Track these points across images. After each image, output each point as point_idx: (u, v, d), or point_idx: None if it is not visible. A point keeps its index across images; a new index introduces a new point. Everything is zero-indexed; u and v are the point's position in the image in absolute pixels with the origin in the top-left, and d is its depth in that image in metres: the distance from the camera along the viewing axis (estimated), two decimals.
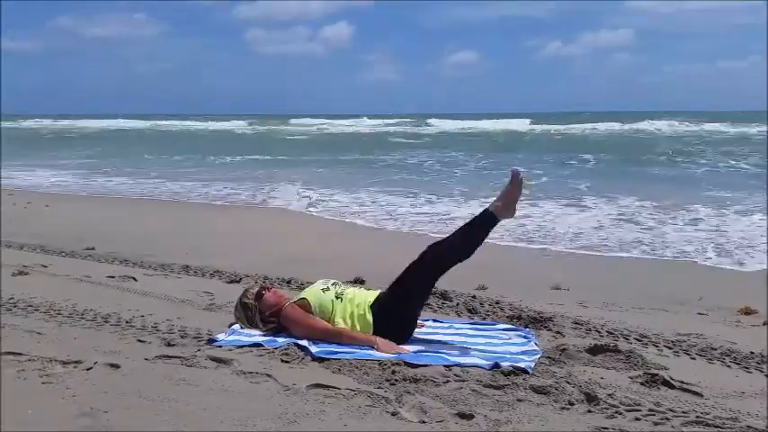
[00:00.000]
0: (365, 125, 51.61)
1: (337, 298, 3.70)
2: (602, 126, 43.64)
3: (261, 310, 3.76)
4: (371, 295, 3.75)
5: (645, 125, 43.95)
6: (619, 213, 10.07)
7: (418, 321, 3.96)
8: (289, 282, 5.28)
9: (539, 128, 44.97)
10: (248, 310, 3.78)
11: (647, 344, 3.78)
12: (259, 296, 3.81)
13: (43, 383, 2.79)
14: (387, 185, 13.99)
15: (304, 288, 4.09)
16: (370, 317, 3.63)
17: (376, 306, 3.66)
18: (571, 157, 21.43)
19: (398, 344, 3.52)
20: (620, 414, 2.67)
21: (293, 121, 59.52)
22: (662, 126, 43.07)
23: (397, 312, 3.64)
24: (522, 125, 47.99)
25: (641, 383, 3.04)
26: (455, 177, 16.01)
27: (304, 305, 3.66)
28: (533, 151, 25.50)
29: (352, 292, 3.78)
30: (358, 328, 3.61)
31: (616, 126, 43.49)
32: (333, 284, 3.79)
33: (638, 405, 2.74)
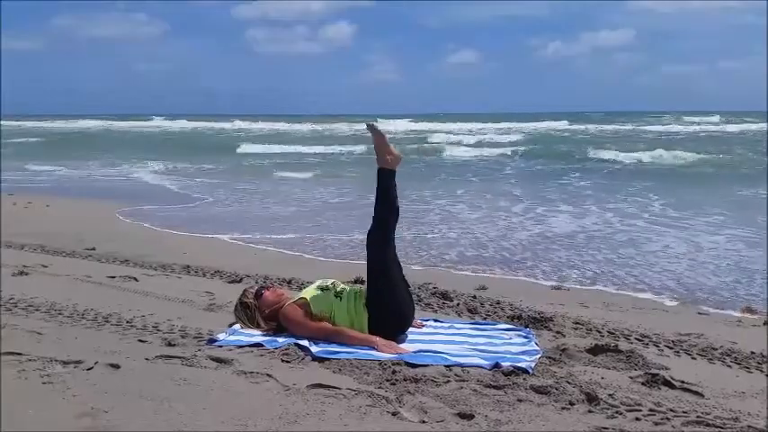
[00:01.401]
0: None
1: (337, 297, 3.69)
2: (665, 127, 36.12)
3: (261, 309, 3.76)
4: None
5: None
6: None
7: (419, 321, 3.97)
8: (289, 282, 5.28)
9: (581, 128, 37.78)
10: (248, 310, 3.78)
11: (647, 344, 3.77)
12: (258, 295, 3.81)
13: (43, 383, 2.79)
14: None
15: (304, 288, 4.09)
16: (365, 314, 3.63)
17: (369, 303, 3.66)
18: None
19: (398, 339, 3.52)
20: (621, 414, 2.67)
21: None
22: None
23: (384, 300, 3.62)
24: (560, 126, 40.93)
25: (642, 383, 3.04)
26: None
27: (303, 305, 3.66)
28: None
29: (351, 290, 3.78)
30: (356, 325, 3.62)
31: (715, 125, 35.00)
32: (332, 284, 3.79)
33: (639, 405, 2.74)
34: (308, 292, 3.75)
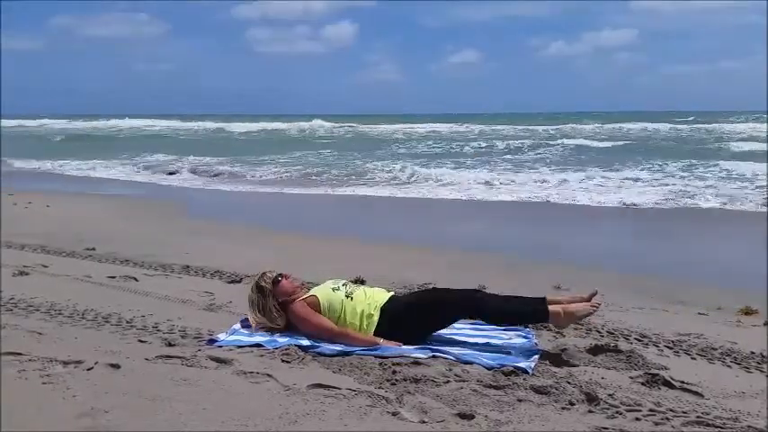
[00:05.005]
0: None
1: (347, 297, 3.70)
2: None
3: (275, 296, 3.74)
4: (385, 296, 3.74)
5: None
6: None
7: None
8: None
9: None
10: (262, 295, 3.75)
11: (647, 344, 3.77)
12: (276, 282, 3.79)
13: (44, 383, 2.79)
14: None
15: (310, 287, 4.07)
16: (376, 316, 3.62)
17: (387, 310, 3.65)
18: None
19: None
20: (621, 414, 2.67)
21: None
22: None
23: (406, 325, 3.60)
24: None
25: (642, 383, 3.04)
26: None
27: (314, 303, 3.66)
28: None
29: (362, 291, 3.78)
30: (365, 326, 3.61)
31: None
32: (343, 284, 3.79)
33: (639, 405, 2.75)
34: (319, 291, 3.74)
